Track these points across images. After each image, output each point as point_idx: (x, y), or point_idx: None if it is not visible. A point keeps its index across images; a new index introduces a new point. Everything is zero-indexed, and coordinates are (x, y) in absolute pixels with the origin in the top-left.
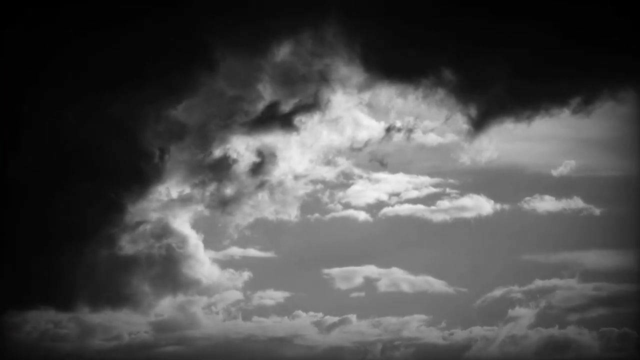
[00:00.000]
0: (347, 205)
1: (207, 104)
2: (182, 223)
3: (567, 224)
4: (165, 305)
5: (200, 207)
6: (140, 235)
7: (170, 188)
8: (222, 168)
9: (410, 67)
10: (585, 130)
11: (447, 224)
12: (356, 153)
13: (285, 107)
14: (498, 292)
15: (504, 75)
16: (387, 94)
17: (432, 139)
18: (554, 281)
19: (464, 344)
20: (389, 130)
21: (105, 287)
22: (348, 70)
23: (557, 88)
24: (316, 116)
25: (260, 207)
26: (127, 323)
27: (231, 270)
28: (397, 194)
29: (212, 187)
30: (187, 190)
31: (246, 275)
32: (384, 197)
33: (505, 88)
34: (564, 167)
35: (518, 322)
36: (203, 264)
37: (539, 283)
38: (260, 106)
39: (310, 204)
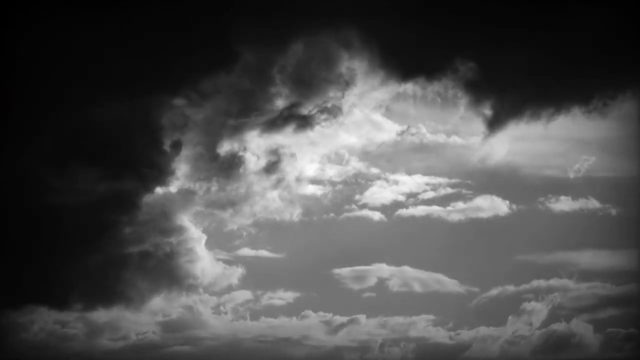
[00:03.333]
0: (363, 206)
1: (220, 101)
2: (184, 220)
3: (583, 224)
4: (173, 305)
5: (204, 204)
6: (145, 232)
7: (177, 183)
8: (231, 165)
9: (429, 68)
10: (601, 130)
11: (463, 224)
12: (373, 154)
13: (303, 108)
14: (507, 292)
15: (522, 75)
16: (404, 95)
17: (450, 139)
18: (566, 281)
19: (469, 344)
20: (406, 131)
21: (110, 285)
22: (366, 72)
23: (575, 88)
24: (333, 117)
25: (272, 206)
26: (135, 323)
27: (225, 265)
28: (414, 195)
29: (220, 184)
30: (192, 186)
31: (239, 271)
32: (401, 198)
33: (524, 88)
34: (580, 167)
35: (527, 322)
36: (202, 260)
37: (549, 283)
38: (277, 106)
39: (325, 204)
